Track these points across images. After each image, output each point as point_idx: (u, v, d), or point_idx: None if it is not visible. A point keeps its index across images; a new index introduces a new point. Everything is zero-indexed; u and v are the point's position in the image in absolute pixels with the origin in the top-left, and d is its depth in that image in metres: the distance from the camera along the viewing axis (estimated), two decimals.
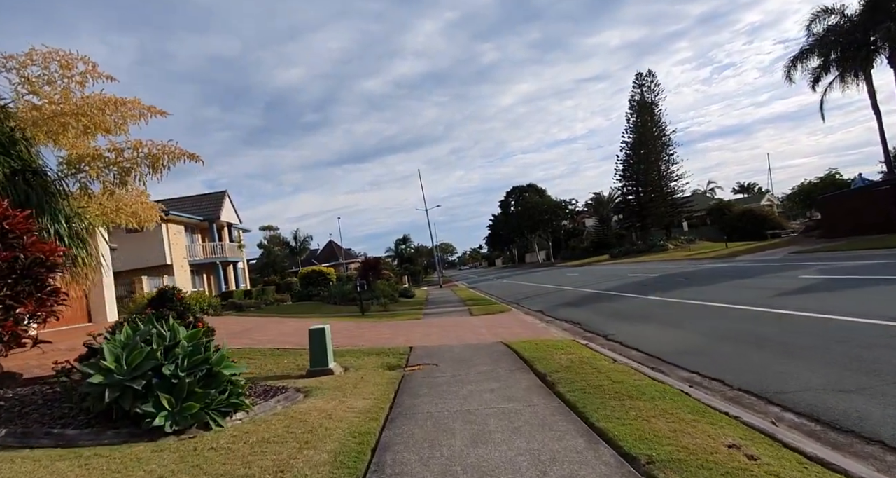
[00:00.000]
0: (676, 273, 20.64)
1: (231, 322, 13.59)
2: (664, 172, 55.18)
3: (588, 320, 11.11)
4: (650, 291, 14.66)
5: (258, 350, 8.60)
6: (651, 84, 55.99)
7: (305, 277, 25.46)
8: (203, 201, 32.38)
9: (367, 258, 25.05)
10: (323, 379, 6.47)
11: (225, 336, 10.57)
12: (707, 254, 34.26)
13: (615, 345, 7.98)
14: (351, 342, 9.87)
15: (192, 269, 30.46)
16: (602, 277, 24.90)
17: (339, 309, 19.92)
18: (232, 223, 34.66)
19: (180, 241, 29.28)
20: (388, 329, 12.39)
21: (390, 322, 14.44)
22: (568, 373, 5.63)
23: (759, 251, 27.34)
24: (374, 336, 10.88)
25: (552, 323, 12.02)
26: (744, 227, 54.15)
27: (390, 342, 9.72)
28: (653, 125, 54.70)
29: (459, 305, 19.96)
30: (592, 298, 15.77)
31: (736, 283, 13.91)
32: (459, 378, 6.07)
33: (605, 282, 21.56)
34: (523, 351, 7.36)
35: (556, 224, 77.74)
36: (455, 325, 12.69)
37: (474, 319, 13.89)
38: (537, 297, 20.03)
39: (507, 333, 10.42)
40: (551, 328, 10.91)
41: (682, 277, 18.05)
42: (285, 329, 12.25)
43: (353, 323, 14.34)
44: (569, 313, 13.01)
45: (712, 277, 16.63)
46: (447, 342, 9.43)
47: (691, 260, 31.04)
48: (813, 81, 28.07)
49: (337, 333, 11.53)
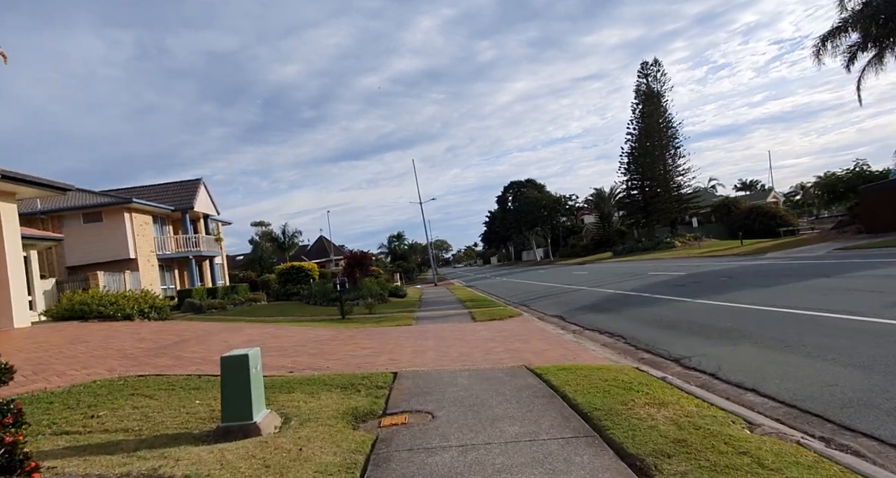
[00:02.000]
0: (709, 272, 17.99)
1: (172, 329, 10.82)
2: (670, 166, 52.64)
3: (633, 333, 8.41)
4: (694, 293, 11.98)
5: (169, 379, 5.83)
6: (657, 73, 53.45)
7: (284, 274, 22.62)
8: (175, 190, 29.46)
9: (353, 253, 22.29)
10: (236, 448, 3.71)
11: (143, 352, 7.79)
12: (723, 252, 31.71)
13: (705, 379, 5.26)
14: (314, 363, 7.12)
15: (162, 264, 27.60)
16: (617, 276, 22.24)
17: (318, 311, 17.15)
18: (209, 215, 31.76)
19: (147, 232, 26.40)
20: (369, 340, 9.66)
21: (375, 329, 11.71)
22: (689, 463, 2.89)
23: (786, 248, 24.78)
24: (348, 352, 8.14)
25: (581, 334, 9.31)
26: (751, 224, 51.80)
27: (368, 363, 7.00)
28: (659, 116, 52.14)
29: (458, 306, 17.25)
30: (620, 301, 13.08)
31: (812, 284, 11.24)
32: (476, 457, 3.34)
33: (624, 281, 18.89)
34: (570, 390, 4.64)
35: (555, 221, 75.17)
36: (455, 334, 9.98)
37: (479, 327, 11.17)
38: (548, 298, 17.33)
39: (527, 349, 7.71)
40: (585, 343, 8.20)
41: (723, 276, 15.38)
42: (236, 340, 9.48)
43: (328, 330, 11.60)
44: (598, 321, 10.31)
45: (766, 277, 13.97)
46: (447, 365, 6.71)
47: (709, 258, 28.45)
48: (848, 60, 25.47)
49: (301, 347, 8.79)
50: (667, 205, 51.85)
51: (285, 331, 11.26)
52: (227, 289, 20.55)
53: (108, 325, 11.05)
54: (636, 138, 53.58)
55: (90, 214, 24.42)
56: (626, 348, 7.45)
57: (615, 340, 8.17)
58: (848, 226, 27.67)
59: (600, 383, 4.83)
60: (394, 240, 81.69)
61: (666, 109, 52.41)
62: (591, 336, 8.95)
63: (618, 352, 7.26)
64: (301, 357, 7.68)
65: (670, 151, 52.43)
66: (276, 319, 14.99)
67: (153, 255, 26.54)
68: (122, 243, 24.42)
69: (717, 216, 58.64)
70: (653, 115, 51.99)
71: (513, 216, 79.42)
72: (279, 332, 11.00)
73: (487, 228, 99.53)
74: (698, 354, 6.17)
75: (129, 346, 8.13)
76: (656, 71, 53.61)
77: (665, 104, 52.49)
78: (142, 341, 8.61)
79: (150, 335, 9.45)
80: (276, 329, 11.46)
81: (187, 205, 28.35)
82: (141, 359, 7.04)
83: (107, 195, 25.65)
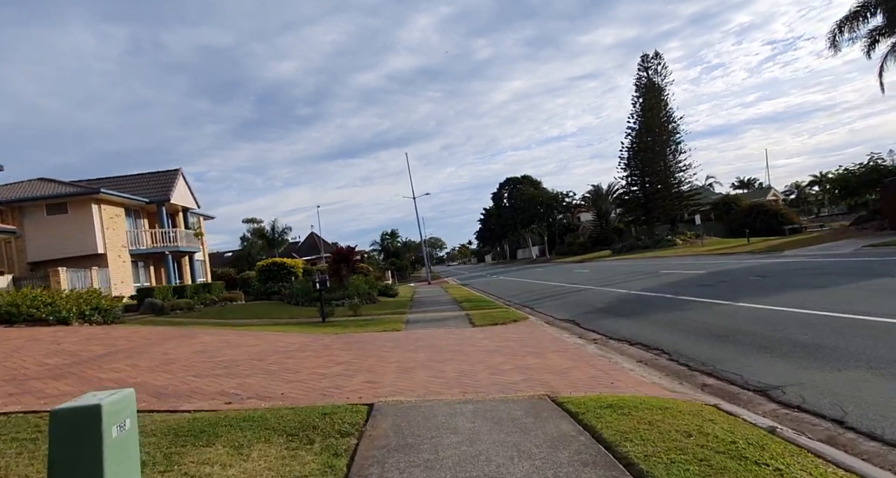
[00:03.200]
0: (732, 270, 16.36)
1: (108, 337, 9.02)
2: (671, 162, 51.12)
3: (676, 345, 6.72)
4: (729, 295, 10.32)
5: (39, 422, 4.05)
6: (658, 66, 51.87)
7: (264, 271, 20.77)
8: (150, 181, 27.52)
9: (339, 248, 20.48)
10: None
11: (46, 370, 6.01)
12: (731, 250, 30.19)
13: (829, 429, 3.55)
14: (265, 387, 5.38)
15: (136, 260, 25.69)
16: (624, 275, 20.60)
17: (298, 312, 15.38)
18: (188, 208, 29.84)
19: (119, 226, 24.48)
20: (347, 351, 7.92)
21: (357, 336, 9.97)
22: None
23: (802, 246, 23.24)
24: (316, 369, 6.40)
25: (605, 345, 7.62)
26: (752, 222, 50.42)
27: (337, 388, 5.28)
28: (660, 110, 50.58)
29: (453, 307, 15.54)
30: (641, 303, 11.41)
31: (872, 285, 9.59)
32: None
33: (634, 280, 17.25)
34: (638, 455, 2.92)
35: (551, 218, 73.60)
36: (452, 344, 8.26)
37: (479, 333, 9.46)
38: (553, 298, 15.65)
39: (543, 367, 6.01)
40: (616, 358, 6.50)
41: (753, 275, 13.74)
42: (181, 352, 7.70)
43: (301, 337, 9.85)
44: (623, 328, 8.63)
45: (809, 276, 12.34)
46: (442, 391, 5.01)
47: (718, 256, 26.90)
48: (868, 46, 23.95)
49: (260, 361, 7.02)
50: (668, 202, 50.37)
51: (249, 338, 9.50)
52: (198, 287, 18.71)
53: (33, 331, 9.26)
54: (636, 133, 51.99)
55: (54, 205, 22.47)
56: (675, 368, 5.76)
57: (655, 356, 6.47)
58: (867, 222, 26.18)
59: (682, 439, 3.11)
60: (387, 237, 79.76)
61: (667, 103, 50.87)
62: (620, 348, 7.26)
63: (667, 374, 5.57)
64: (253, 377, 5.93)
65: (671, 147, 50.91)
66: (246, 321, 13.22)
67: (125, 250, 24.62)
68: (90, 237, 22.49)
69: (716, 214, 57.26)
70: (654, 108, 50.43)
71: (509, 213, 77.78)
72: (241, 339, 9.23)
73: (482, 225, 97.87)
74: (793, 384, 4.46)
75: (34, 361, 6.36)
76: (657, 64, 52.05)
77: (666, 98, 50.96)
78: (57, 355, 6.84)
79: (75, 346, 7.66)
80: (238, 336, 9.69)
81: (163, 197, 26.42)
82: (29, 384, 5.27)
83: (74, 185, 23.72)
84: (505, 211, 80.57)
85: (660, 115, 50.49)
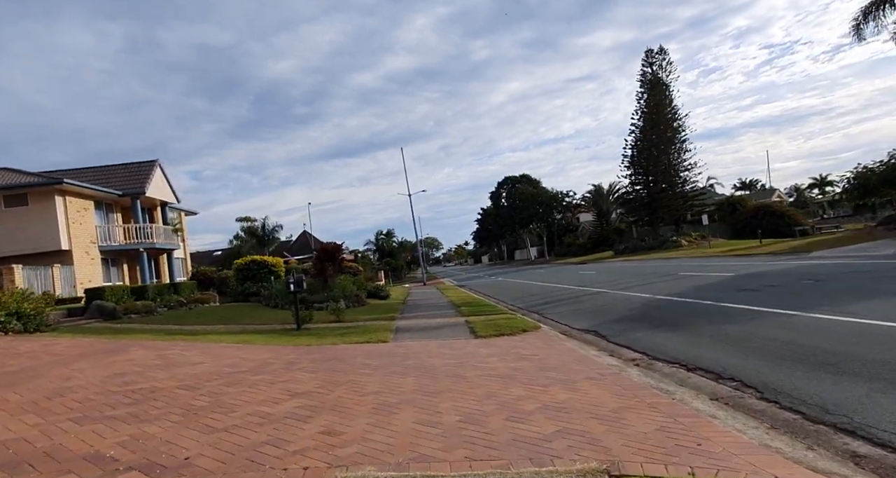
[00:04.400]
0: (766, 272, 14.60)
1: (11, 352, 7.13)
2: (675, 161, 49.44)
3: (760, 376, 4.89)
4: (792, 303, 8.53)
5: None
6: (663, 62, 50.17)
7: (242, 270, 18.84)
8: (124, 172, 25.54)
9: (324, 245, 18.57)
10: None
11: None
12: (747, 251, 28.47)
13: None
14: (169, 443, 3.52)
15: (107, 257, 23.74)
16: (638, 277, 18.82)
17: (274, 316, 13.50)
18: (167, 202, 27.89)
19: (87, 220, 22.54)
20: (311, 374, 6.07)
21: (332, 350, 8.12)
22: None
23: (830, 247, 21.53)
24: (256, 407, 4.54)
25: (651, 369, 5.79)
26: (758, 223, 48.84)
27: (275, 447, 3.44)
28: (665, 107, 48.89)
29: (450, 312, 13.70)
30: (676, 311, 9.60)
31: None
32: None
33: (653, 283, 15.47)
34: None
35: (550, 219, 71.83)
36: (450, 365, 6.42)
37: (483, 348, 7.63)
38: (563, 303, 13.83)
39: (582, 407, 4.19)
40: (678, 392, 4.67)
41: (802, 278, 11.96)
42: (88, 379, 5.82)
43: (264, 351, 8.00)
44: (668, 345, 6.82)
45: (867, 280, 10.59)
46: (436, 455, 3.19)
47: (735, 257, 25.19)
48: None
49: (189, 390, 5.03)
50: (672, 202, 48.69)
51: (195, 353, 7.63)
52: (163, 288, 16.79)
53: None
54: (641, 130, 50.28)
55: (13, 196, 20.51)
56: (781, 416, 3.92)
57: (734, 390, 4.64)
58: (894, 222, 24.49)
59: None
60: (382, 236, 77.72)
61: (672, 100, 49.21)
62: (675, 375, 5.43)
63: (772, 425, 3.73)
64: (162, 421, 4.07)
65: (675, 145, 49.23)
66: (210, 328, 11.35)
67: (94, 246, 22.68)
68: (52, 232, 20.54)
69: (720, 215, 55.63)
70: (658, 105, 48.74)
71: (507, 213, 75.96)
72: (184, 355, 7.36)
73: (480, 225, 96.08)
74: None
75: None
76: (661, 60, 50.35)
77: (671, 94, 49.31)
78: None
79: None
80: (183, 350, 7.82)
81: (138, 189, 24.45)
82: None
83: (35, 175, 21.76)
84: (503, 211, 78.76)
85: (664, 111, 48.82)
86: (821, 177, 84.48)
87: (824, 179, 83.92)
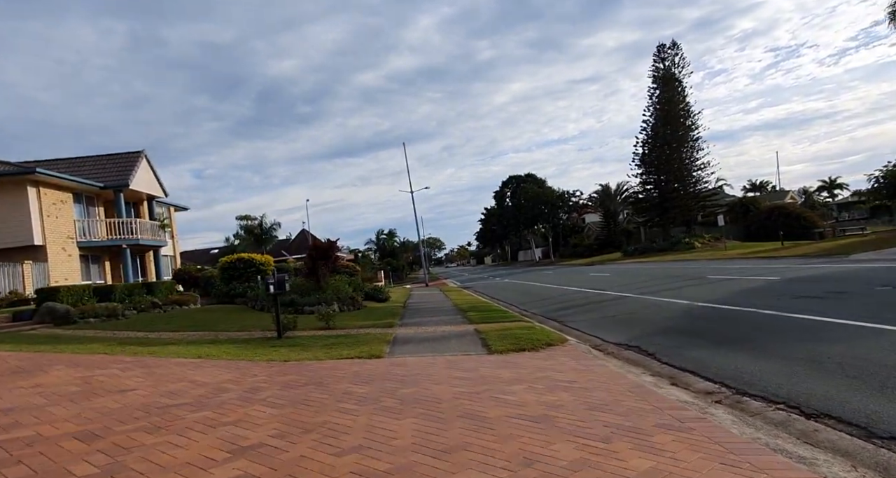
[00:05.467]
0: (815, 276, 12.95)
1: None
2: (687, 160, 47.72)
3: None
4: (882, 314, 6.87)
5: None
6: (675, 57, 48.48)
7: (227, 269, 17.19)
8: (107, 163, 23.96)
9: (317, 242, 16.88)
10: None
11: None
12: (770, 253, 26.77)
13: None
14: None
15: (87, 254, 22.18)
16: (660, 280, 17.18)
17: (256, 321, 11.87)
18: (154, 196, 26.32)
19: (65, 214, 20.99)
20: (275, 410, 4.46)
21: (311, 368, 6.50)
22: None
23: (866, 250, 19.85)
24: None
25: (743, 410, 4.16)
26: (772, 225, 47.14)
27: None
28: (678, 103, 47.21)
29: (456, 318, 12.06)
30: (731, 322, 7.95)
31: None
32: None
33: (682, 287, 13.84)
34: None
35: (555, 219, 70.11)
36: (463, 398, 4.78)
37: (502, 369, 6.00)
38: (584, 309, 12.19)
39: None
40: (820, 463, 3.03)
41: (880, 284, 10.28)
42: None
43: (224, 369, 6.38)
44: (752, 370, 5.18)
45: None
46: None
47: (761, 260, 23.52)
48: None
49: (90, 441, 3.20)
50: (685, 202, 46.96)
51: (136, 373, 6.01)
52: (133, 288, 15.18)
53: None
54: (653, 127, 48.58)
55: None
56: None
57: None
58: None
59: None
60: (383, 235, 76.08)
61: (685, 96, 47.52)
62: (789, 423, 3.80)
63: None
64: None
65: (688, 143, 47.53)
66: (178, 336, 9.74)
67: (72, 242, 21.11)
68: (24, 226, 18.99)
69: (732, 217, 53.90)
70: (671, 101, 47.07)
71: (511, 213, 74.29)
72: (116, 378, 5.74)
73: (483, 225, 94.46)
74: None
75: None
76: (674, 54, 48.68)
77: (684, 90, 47.62)
78: None
79: None
80: (123, 368, 6.20)
81: (121, 182, 22.88)
82: None
83: (6, 164, 20.20)
84: (507, 210, 77.09)
85: (677, 108, 47.14)
86: (830, 179, 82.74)
87: (833, 181, 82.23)
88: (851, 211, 68.20)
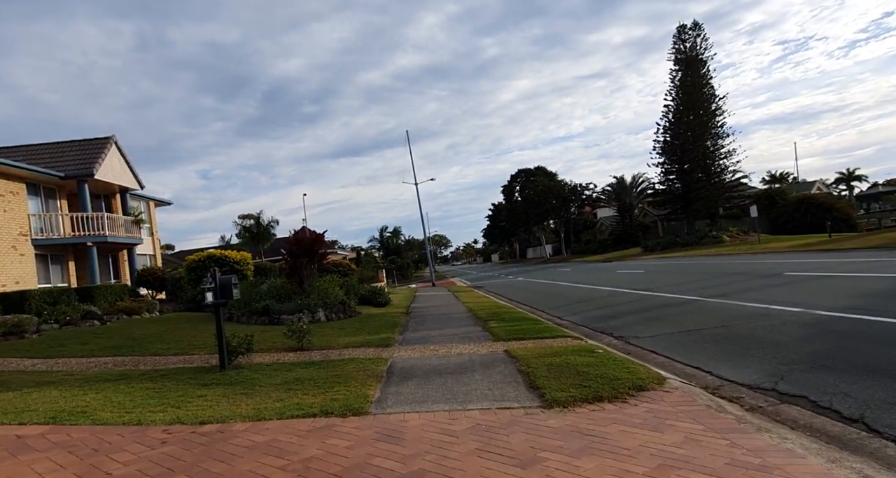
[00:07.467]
0: None
1: None
2: (713, 147, 44.44)
3: None
4: None
5: None
6: (697, 38, 45.16)
7: (195, 269, 14.21)
8: (70, 151, 21.12)
9: (297, 235, 13.81)
10: None
11: None
12: (820, 246, 23.63)
13: None
14: None
15: (46, 253, 19.38)
16: (714, 278, 14.14)
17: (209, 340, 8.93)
18: (128, 188, 23.47)
19: (17, 207, 18.18)
20: None
21: (234, 443, 3.54)
22: None
23: None
24: None
25: None
26: (801, 217, 43.85)
27: None
28: (701, 87, 43.95)
29: (474, 329, 9.08)
30: None
31: None
32: None
33: (762, 288, 10.83)
34: None
35: (566, 214, 66.92)
36: None
37: (587, 464, 3.00)
38: (638, 316, 9.16)
39: None
40: None
41: None
42: None
43: (44, 466, 3.45)
44: None
45: None
46: None
47: (817, 253, 20.40)
48: None
49: None
50: (710, 192, 43.70)
51: None
52: (61, 293, 12.28)
53: None
54: (675, 112, 45.33)
55: None
56: None
57: None
58: None
59: None
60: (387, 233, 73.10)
61: (709, 79, 44.23)
62: None
63: None
64: None
65: (713, 129, 44.24)
66: (80, 366, 6.86)
67: (25, 240, 18.30)
68: None
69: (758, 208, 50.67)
70: (694, 85, 43.81)
71: (521, 208, 71.10)
72: None
73: (491, 221, 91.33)
74: None
75: None
76: (696, 36, 45.34)
77: (708, 73, 44.34)
78: None
79: None
80: None
81: (85, 171, 20.04)
82: None
83: None
84: (516, 205, 73.91)
85: (701, 92, 43.87)
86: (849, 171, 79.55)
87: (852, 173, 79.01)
88: (882, 202, 64.63)
